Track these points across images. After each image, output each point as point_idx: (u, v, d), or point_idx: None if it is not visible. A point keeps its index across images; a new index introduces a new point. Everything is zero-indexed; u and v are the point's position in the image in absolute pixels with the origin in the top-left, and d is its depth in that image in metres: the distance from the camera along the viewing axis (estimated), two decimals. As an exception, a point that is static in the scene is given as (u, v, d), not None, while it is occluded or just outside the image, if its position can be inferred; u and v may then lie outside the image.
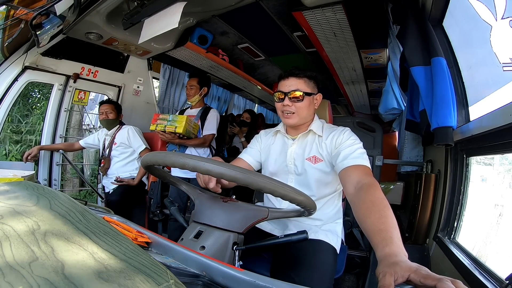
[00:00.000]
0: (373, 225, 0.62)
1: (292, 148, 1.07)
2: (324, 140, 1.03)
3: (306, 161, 1.03)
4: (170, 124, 1.81)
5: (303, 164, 1.04)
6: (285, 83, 1.03)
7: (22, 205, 0.39)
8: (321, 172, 1.01)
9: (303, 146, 1.07)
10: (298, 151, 1.06)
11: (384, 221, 0.61)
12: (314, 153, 1.03)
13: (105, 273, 0.27)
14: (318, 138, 1.05)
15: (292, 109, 1.01)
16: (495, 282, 0.73)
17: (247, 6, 1.54)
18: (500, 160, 0.97)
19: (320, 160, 1.01)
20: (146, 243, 0.56)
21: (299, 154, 1.06)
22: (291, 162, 1.06)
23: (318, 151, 1.02)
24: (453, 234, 1.10)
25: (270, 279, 0.39)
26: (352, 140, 0.97)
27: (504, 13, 0.89)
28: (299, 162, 1.05)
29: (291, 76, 1.02)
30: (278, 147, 1.12)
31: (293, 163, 1.06)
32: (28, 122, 3.65)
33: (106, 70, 2.55)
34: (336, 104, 4.65)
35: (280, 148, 1.11)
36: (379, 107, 2.52)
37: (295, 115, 1.02)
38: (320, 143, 1.03)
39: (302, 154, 1.05)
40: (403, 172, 2.13)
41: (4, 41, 1.82)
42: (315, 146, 1.04)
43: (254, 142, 1.21)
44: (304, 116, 1.04)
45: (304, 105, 1.01)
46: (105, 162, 2.21)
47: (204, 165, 0.59)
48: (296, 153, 1.07)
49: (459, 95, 1.16)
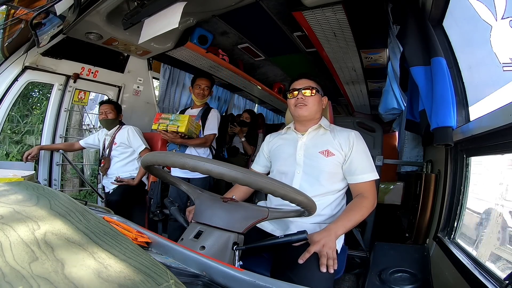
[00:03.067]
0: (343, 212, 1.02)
1: (302, 140, 1.13)
2: (336, 137, 1.10)
3: (319, 154, 1.08)
4: (172, 124, 1.81)
5: (314, 156, 1.09)
6: (298, 82, 1.15)
7: (22, 205, 0.39)
8: (333, 165, 1.06)
9: (314, 139, 1.13)
10: (308, 144, 1.12)
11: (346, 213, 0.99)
12: (328, 147, 1.08)
13: (105, 273, 0.27)
14: (330, 133, 1.12)
15: (304, 101, 1.11)
16: (495, 282, 0.73)
17: (247, 6, 1.54)
18: (500, 160, 0.97)
19: (333, 154, 1.07)
20: (146, 243, 0.56)
21: (309, 147, 1.11)
22: (300, 154, 1.11)
23: (332, 145, 1.08)
24: (453, 234, 1.10)
25: (270, 279, 0.39)
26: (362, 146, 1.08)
27: (504, 13, 0.89)
28: (310, 154, 1.10)
29: (303, 77, 1.15)
30: (287, 142, 1.18)
31: (302, 155, 1.10)
32: (28, 122, 3.65)
33: (106, 70, 2.55)
34: (336, 104, 4.65)
35: (289, 142, 1.18)
36: (379, 107, 2.52)
37: (307, 107, 1.11)
38: (333, 138, 1.10)
39: (313, 146, 1.11)
40: (403, 172, 2.13)
41: (4, 41, 1.82)
42: (328, 140, 1.10)
43: (261, 149, 1.30)
44: (314, 110, 1.12)
45: (314, 99, 1.12)
46: (105, 162, 2.21)
47: (204, 165, 0.59)
48: (306, 145, 1.12)
49: (459, 95, 1.16)
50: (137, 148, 2.18)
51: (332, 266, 0.85)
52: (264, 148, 1.28)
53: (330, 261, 0.85)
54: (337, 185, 1.09)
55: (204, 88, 2.07)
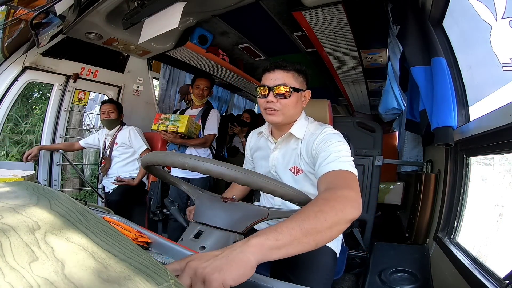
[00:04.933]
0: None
1: (274, 154, 0.98)
2: (306, 145, 0.91)
3: (289, 171, 0.94)
4: (172, 124, 1.81)
5: (286, 174, 0.95)
6: (270, 76, 0.89)
7: (22, 205, 0.39)
8: (304, 182, 0.93)
9: (284, 153, 0.96)
10: (279, 158, 0.96)
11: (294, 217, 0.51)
12: (296, 164, 0.93)
13: (105, 273, 0.27)
14: (301, 143, 0.93)
15: (276, 106, 0.88)
16: (495, 282, 0.73)
17: (247, 6, 1.54)
18: (500, 160, 0.97)
19: (301, 172, 0.92)
20: (146, 243, 0.56)
21: (280, 162, 0.96)
22: (273, 170, 0.97)
23: (300, 160, 0.92)
24: (453, 234, 1.10)
25: (270, 279, 0.39)
26: (331, 142, 0.83)
27: (504, 13, 0.89)
28: (281, 171, 0.96)
29: (278, 68, 0.89)
30: (262, 152, 1.03)
31: (275, 171, 0.97)
32: (28, 122, 3.65)
33: (106, 70, 2.55)
34: (336, 104, 4.64)
35: (264, 153, 1.02)
36: (379, 107, 2.52)
37: (279, 113, 0.89)
38: (302, 151, 0.92)
39: (283, 162, 0.95)
40: (403, 172, 2.13)
41: (4, 41, 1.82)
42: (297, 154, 0.93)
43: (246, 152, 1.15)
44: (290, 115, 0.91)
45: (290, 102, 0.89)
46: (105, 162, 2.21)
47: (204, 165, 0.59)
48: (277, 159, 0.96)
49: (459, 95, 1.16)
50: (138, 149, 2.18)
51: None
52: (248, 152, 1.16)
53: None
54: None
55: (204, 88, 2.07)
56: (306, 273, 0.85)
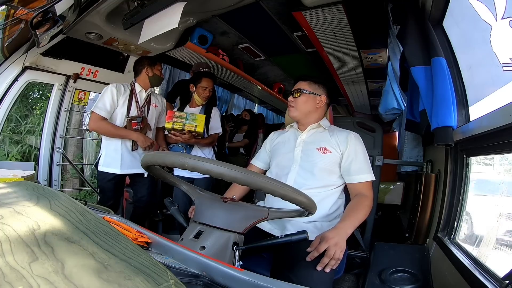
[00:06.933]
0: (346, 211, 1.02)
1: (301, 137, 1.19)
2: (334, 136, 1.14)
3: (316, 150, 1.13)
4: (189, 123, 1.70)
5: (311, 152, 1.13)
6: (295, 85, 1.22)
7: (22, 205, 0.39)
8: (328, 162, 1.10)
9: (313, 137, 1.19)
10: (307, 140, 1.18)
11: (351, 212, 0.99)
12: (325, 145, 1.13)
13: (105, 273, 0.27)
14: (328, 132, 1.17)
15: (292, 103, 1.18)
16: (495, 282, 0.73)
17: (247, 6, 1.54)
18: (500, 160, 0.97)
19: (329, 152, 1.12)
20: (146, 243, 0.56)
21: (307, 143, 1.17)
22: (298, 149, 1.16)
23: (329, 143, 1.13)
24: (453, 234, 1.10)
25: (270, 279, 0.39)
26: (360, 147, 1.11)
27: (504, 13, 0.89)
28: (307, 150, 1.15)
29: (299, 80, 1.22)
30: (288, 139, 1.24)
31: (300, 150, 1.16)
32: (28, 122, 3.65)
33: (106, 70, 2.54)
34: (336, 104, 4.65)
35: (290, 139, 1.24)
36: (379, 107, 2.52)
37: (294, 108, 1.18)
38: (330, 137, 1.15)
39: (311, 143, 1.16)
40: (403, 172, 2.13)
41: (4, 41, 1.82)
42: (326, 138, 1.15)
43: (264, 145, 1.34)
44: (303, 111, 1.17)
45: (301, 100, 1.17)
46: (144, 124, 1.77)
47: (204, 165, 0.59)
48: (305, 141, 1.18)
49: (459, 95, 1.16)
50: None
51: (332, 267, 0.85)
52: (266, 144, 1.32)
53: (333, 261, 0.84)
54: (332, 180, 1.10)
55: (210, 90, 1.99)
56: (306, 273, 0.85)
